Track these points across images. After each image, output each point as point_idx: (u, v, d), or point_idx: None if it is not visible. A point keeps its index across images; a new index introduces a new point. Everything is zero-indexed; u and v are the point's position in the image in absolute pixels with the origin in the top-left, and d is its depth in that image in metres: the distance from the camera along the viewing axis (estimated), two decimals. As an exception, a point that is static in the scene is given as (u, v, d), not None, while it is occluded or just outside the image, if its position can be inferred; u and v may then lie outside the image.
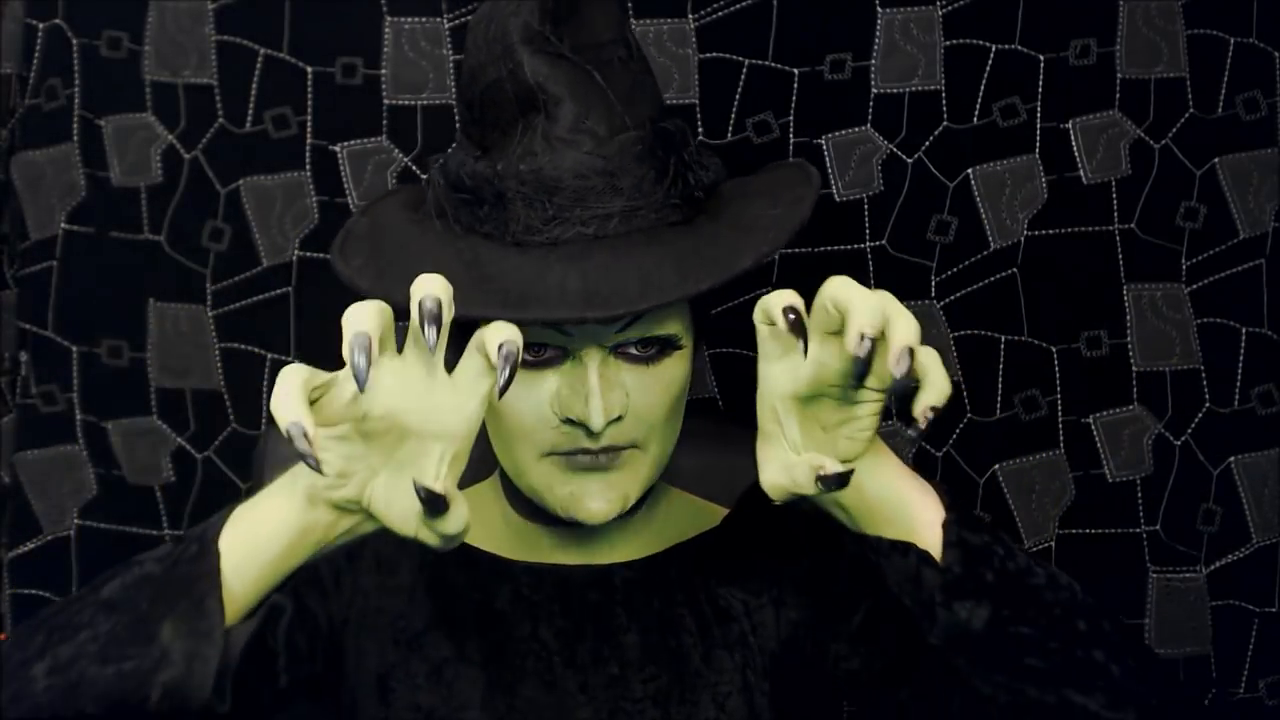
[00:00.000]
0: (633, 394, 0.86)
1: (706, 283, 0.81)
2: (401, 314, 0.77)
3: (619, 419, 0.86)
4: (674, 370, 0.88)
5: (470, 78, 0.87)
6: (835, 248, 1.25)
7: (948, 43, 1.23)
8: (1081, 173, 1.25)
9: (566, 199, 0.83)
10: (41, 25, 1.22)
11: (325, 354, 1.24)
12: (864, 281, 1.24)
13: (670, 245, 0.84)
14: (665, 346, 0.87)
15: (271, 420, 1.23)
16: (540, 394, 0.86)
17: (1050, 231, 1.26)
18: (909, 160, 1.24)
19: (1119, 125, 1.25)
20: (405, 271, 0.80)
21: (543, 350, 0.85)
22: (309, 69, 1.22)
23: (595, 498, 0.87)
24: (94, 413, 1.25)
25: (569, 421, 0.85)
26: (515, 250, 0.84)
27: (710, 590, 0.96)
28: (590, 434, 0.85)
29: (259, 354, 1.25)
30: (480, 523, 0.97)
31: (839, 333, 0.75)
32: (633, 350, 0.86)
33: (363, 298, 0.79)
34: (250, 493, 1.02)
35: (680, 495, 1.02)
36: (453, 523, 0.73)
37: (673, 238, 0.85)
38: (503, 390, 0.71)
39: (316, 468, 0.69)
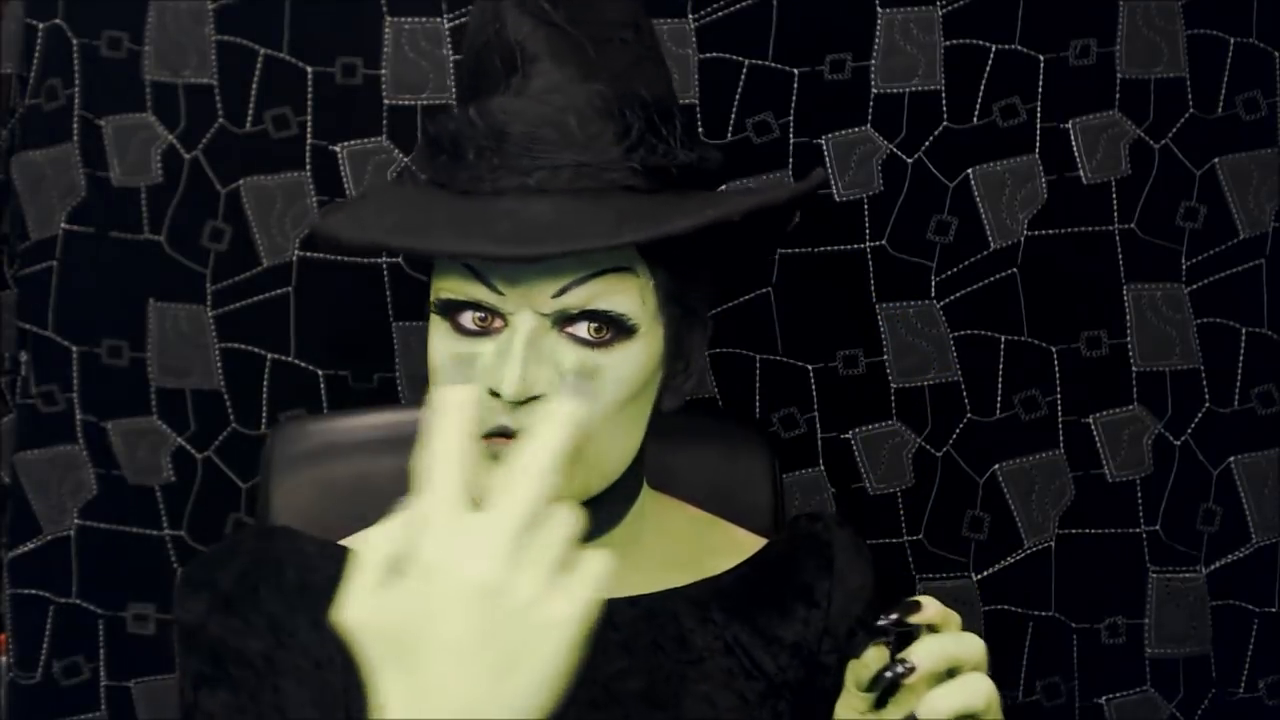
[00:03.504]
0: (569, 377, 0.78)
1: (642, 234, 0.74)
2: (352, 250, 0.77)
3: (542, 399, 0.77)
4: (628, 362, 0.79)
5: (466, 44, 0.84)
6: (835, 248, 1.25)
7: (948, 43, 1.23)
8: (1081, 173, 1.25)
9: (515, 147, 0.77)
10: (41, 25, 1.22)
11: (325, 354, 1.25)
12: (864, 281, 1.25)
13: (619, 204, 0.77)
14: (619, 330, 0.78)
15: (277, 421, 1.23)
16: (475, 364, 0.78)
17: (1050, 231, 1.26)
18: (909, 160, 1.24)
19: (1119, 125, 1.25)
20: (360, 214, 0.80)
21: (488, 317, 0.78)
22: (309, 69, 1.22)
23: None
24: (94, 413, 1.25)
25: (492, 395, 0.77)
26: (461, 198, 0.79)
27: (734, 636, 0.87)
28: (513, 409, 0.76)
29: (259, 354, 1.25)
30: None
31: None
32: (584, 330, 0.78)
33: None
34: (252, 493, 1.03)
35: (702, 519, 0.93)
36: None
37: (624, 200, 0.78)
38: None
39: None
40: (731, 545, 0.91)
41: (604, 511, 0.83)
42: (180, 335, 1.24)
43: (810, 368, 1.27)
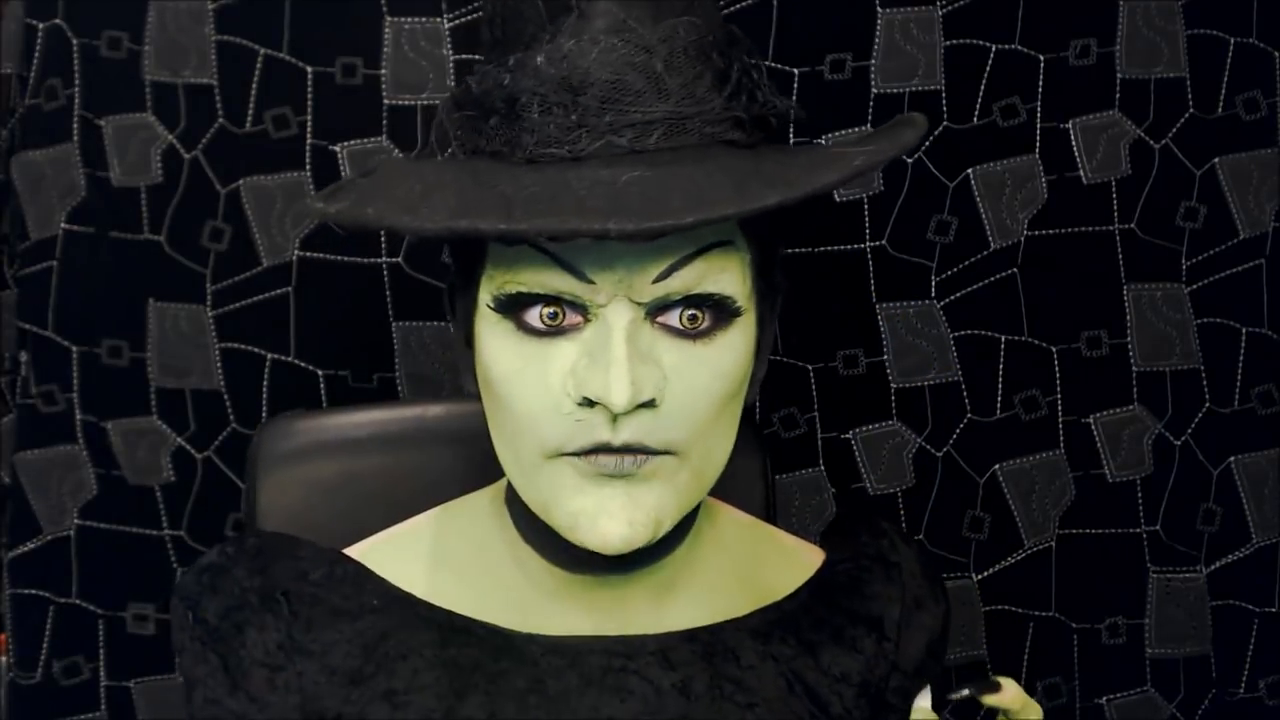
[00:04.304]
0: (673, 377, 0.67)
1: (774, 198, 0.62)
2: (372, 230, 0.66)
3: (651, 405, 0.66)
4: (731, 351, 0.68)
5: None
6: (835, 248, 1.25)
7: (948, 43, 1.23)
8: (1081, 173, 1.25)
9: (594, 101, 0.65)
10: (41, 25, 1.22)
11: (325, 354, 1.25)
12: (864, 281, 1.25)
13: (727, 163, 0.65)
14: (720, 315, 0.68)
15: (267, 419, 1.23)
16: (553, 370, 0.67)
17: (1050, 231, 1.26)
18: (909, 160, 1.24)
19: (1119, 125, 1.25)
20: (385, 190, 0.66)
21: (560, 313, 0.67)
22: (309, 69, 1.22)
23: (612, 517, 0.67)
24: (94, 413, 1.25)
25: (586, 405, 0.66)
26: (529, 169, 0.65)
27: (796, 673, 0.78)
28: (611, 422, 0.66)
29: (259, 354, 1.25)
30: (474, 565, 0.77)
31: None
32: (675, 319, 0.67)
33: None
34: (248, 494, 1.03)
35: (753, 528, 0.83)
36: None
37: (730, 158, 0.66)
38: None
39: None
40: (787, 560, 0.83)
41: (671, 532, 0.74)
42: (180, 335, 1.24)
43: (810, 368, 1.27)
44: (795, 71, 1.22)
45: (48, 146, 1.23)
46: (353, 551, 0.80)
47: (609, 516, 0.67)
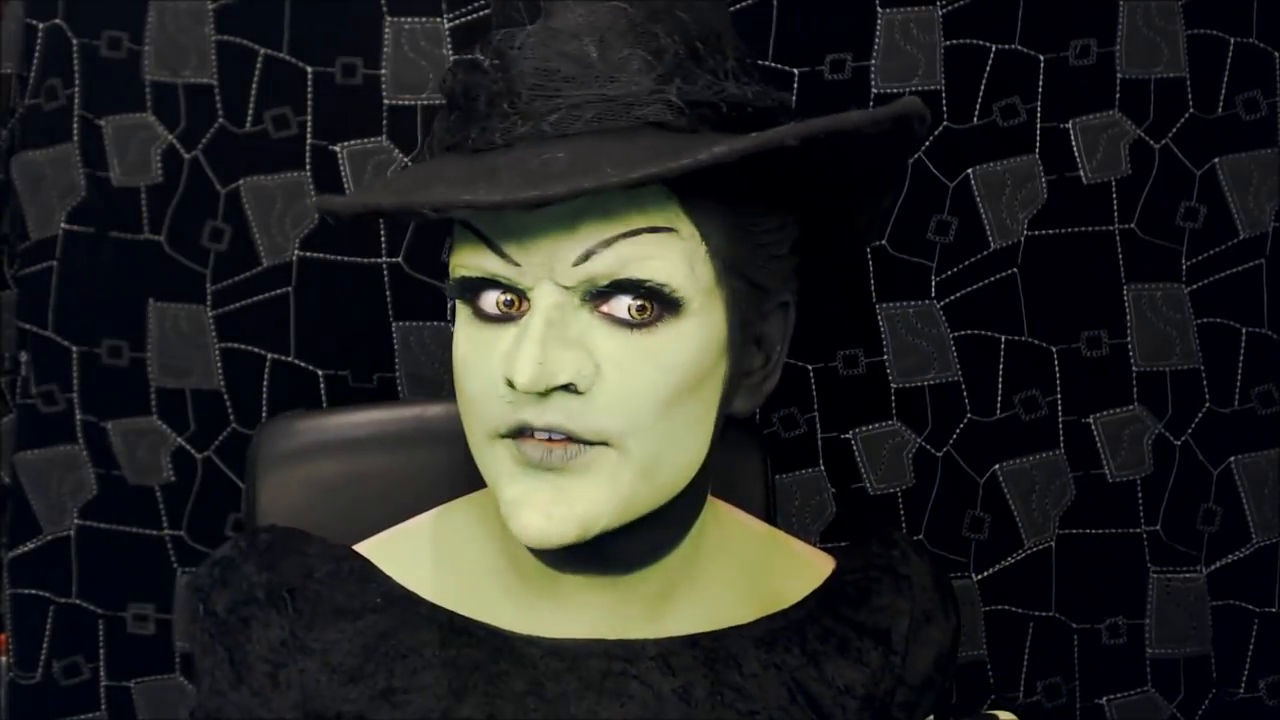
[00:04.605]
0: (606, 365, 0.66)
1: (664, 168, 0.60)
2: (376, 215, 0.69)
3: (573, 390, 0.65)
4: (678, 343, 0.66)
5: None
6: (835, 248, 1.25)
7: (948, 43, 1.23)
8: (1081, 173, 1.25)
9: (525, 89, 0.66)
10: (41, 25, 1.22)
11: (325, 354, 1.25)
12: (864, 281, 1.25)
13: (645, 142, 0.64)
14: (665, 306, 0.66)
15: (266, 419, 1.23)
16: (495, 354, 0.67)
17: (1050, 231, 1.26)
18: (909, 160, 1.24)
19: (1119, 125, 1.25)
20: (385, 183, 0.70)
21: (515, 300, 0.67)
22: (309, 69, 1.22)
23: (533, 508, 0.66)
24: (94, 413, 1.25)
25: (510, 386, 0.66)
26: (471, 157, 0.67)
27: (799, 683, 0.77)
28: (538, 401, 0.65)
29: (259, 354, 1.25)
30: (476, 565, 0.77)
31: None
32: (623, 309, 0.66)
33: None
34: (248, 494, 1.03)
35: (763, 534, 0.82)
36: None
37: (655, 139, 0.65)
38: None
39: None
40: (796, 567, 0.82)
41: (659, 533, 0.73)
42: (180, 335, 1.24)
43: (810, 368, 1.27)
44: (795, 71, 1.22)
45: (48, 146, 1.23)
46: (361, 548, 0.80)
47: (530, 508, 0.66)
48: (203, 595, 0.78)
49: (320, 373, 1.25)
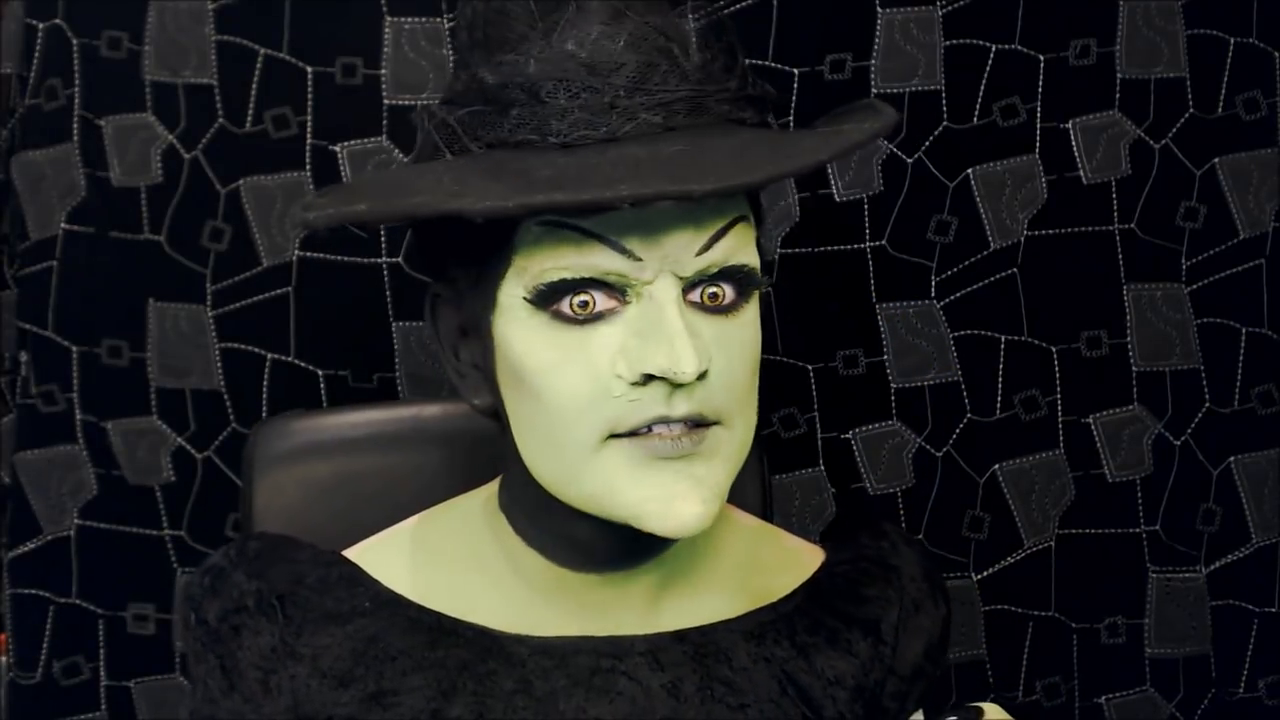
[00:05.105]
0: (713, 350, 0.68)
1: (826, 153, 0.66)
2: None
3: (703, 376, 0.67)
4: (753, 324, 0.70)
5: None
6: (835, 248, 1.25)
7: (948, 43, 1.23)
8: (1081, 173, 1.25)
9: (623, 83, 0.66)
10: (41, 25, 1.22)
11: (325, 354, 1.25)
12: (864, 281, 1.25)
13: (750, 136, 0.68)
14: (741, 288, 0.69)
15: (261, 419, 1.23)
16: (597, 354, 0.66)
17: (1050, 231, 1.26)
18: (909, 160, 1.24)
19: (1119, 125, 1.25)
20: (386, 188, 0.67)
21: (590, 300, 0.67)
22: (309, 69, 1.22)
23: (685, 499, 0.66)
24: (94, 413, 1.25)
25: (641, 383, 0.66)
26: (562, 153, 0.66)
27: (789, 675, 0.78)
28: (671, 393, 0.65)
29: (259, 354, 1.25)
30: (465, 567, 0.77)
31: None
32: (698, 296, 0.68)
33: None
34: (244, 494, 1.03)
35: (754, 529, 0.83)
36: None
37: (749, 133, 0.68)
38: None
39: None
40: (787, 561, 0.83)
41: None
42: (180, 335, 1.25)
43: (810, 368, 1.27)
44: (795, 71, 1.22)
45: (48, 146, 1.23)
46: (350, 553, 0.81)
47: (682, 499, 0.66)
48: (194, 604, 0.79)
49: (320, 373, 1.25)
